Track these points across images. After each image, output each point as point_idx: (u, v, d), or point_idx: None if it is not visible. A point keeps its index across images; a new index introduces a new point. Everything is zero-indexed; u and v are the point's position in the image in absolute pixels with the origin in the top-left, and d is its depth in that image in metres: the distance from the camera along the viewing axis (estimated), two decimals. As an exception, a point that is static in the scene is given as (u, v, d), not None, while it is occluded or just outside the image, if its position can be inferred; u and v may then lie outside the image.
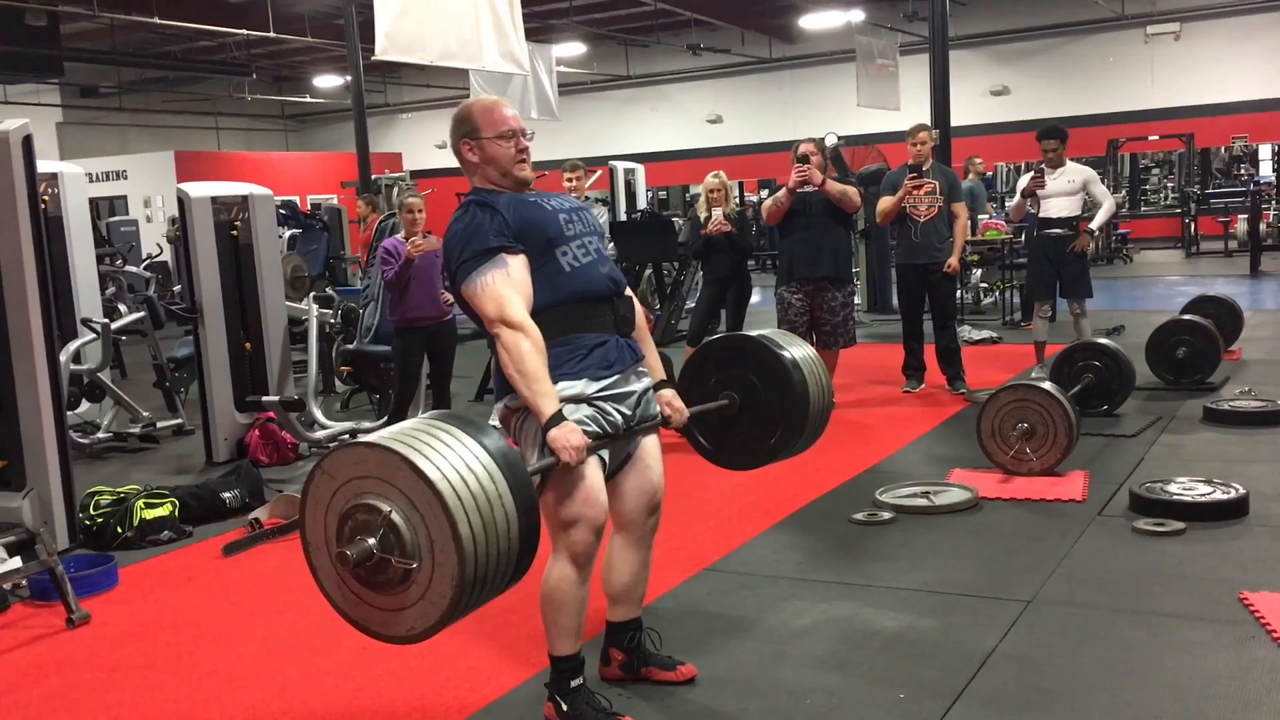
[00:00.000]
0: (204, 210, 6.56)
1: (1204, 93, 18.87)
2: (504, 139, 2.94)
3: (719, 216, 7.21)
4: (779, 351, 3.25)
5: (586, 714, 2.93)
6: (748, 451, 3.36)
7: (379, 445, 2.24)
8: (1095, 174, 7.68)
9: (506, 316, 2.75)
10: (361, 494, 2.26)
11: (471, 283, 2.80)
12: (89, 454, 6.97)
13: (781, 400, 3.24)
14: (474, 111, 2.98)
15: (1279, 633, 3.31)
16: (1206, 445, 5.72)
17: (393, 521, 2.21)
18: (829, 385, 3.36)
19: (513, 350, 2.73)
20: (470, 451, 2.26)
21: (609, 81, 23.17)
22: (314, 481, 2.34)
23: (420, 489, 2.19)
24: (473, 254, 2.81)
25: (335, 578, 2.33)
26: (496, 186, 2.97)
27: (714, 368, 3.33)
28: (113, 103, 22.81)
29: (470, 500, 2.19)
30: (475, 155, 2.95)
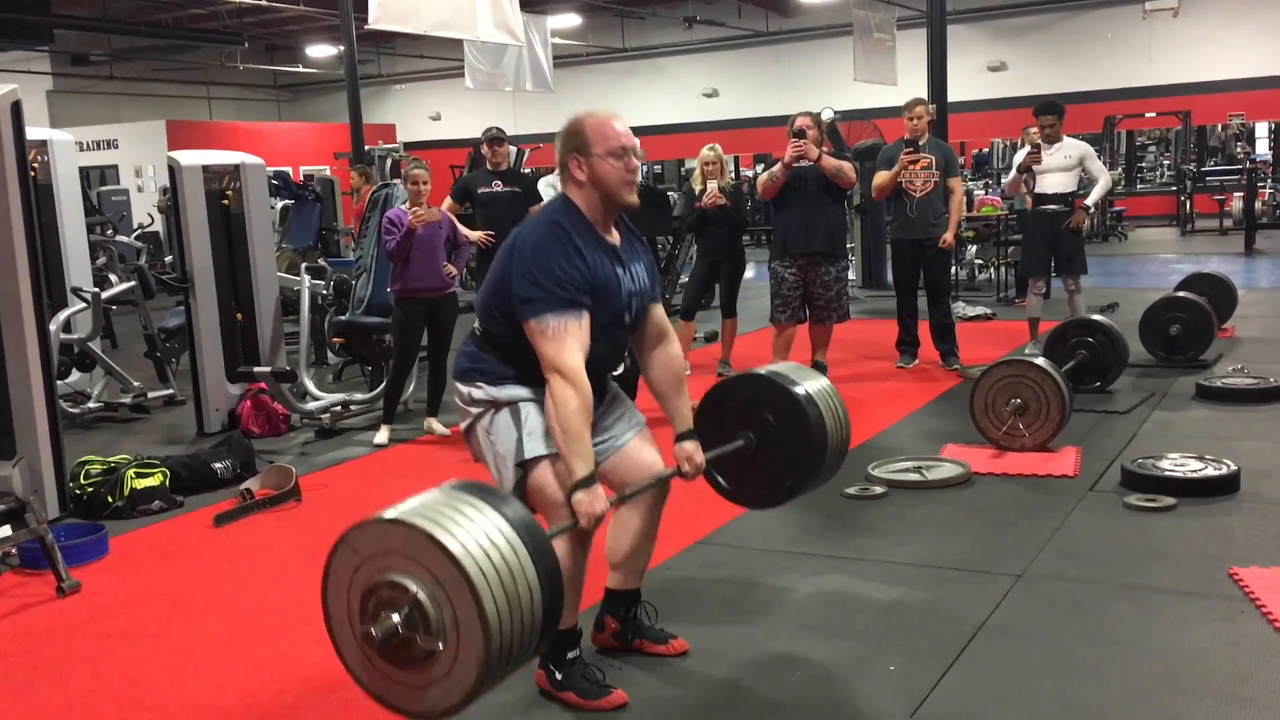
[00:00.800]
0: (195, 179, 6.52)
1: (1201, 70, 18.81)
2: (614, 156, 2.83)
3: (714, 189, 7.18)
4: (793, 389, 3.20)
5: (580, 684, 2.94)
6: (767, 490, 3.32)
7: (403, 522, 2.22)
8: (1092, 150, 7.65)
9: (565, 366, 2.71)
10: (386, 570, 2.24)
11: (542, 320, 2.73)
12: (79, 424, 6.95)
13: (799, 437, 3.20)
14: (585, 126, 2.86)
15: (1268, 607, 3.32)
16: (1199, 422, 5.73)
17: (418, 600, 2.19)
18: (846, 418, 3.30)
19: (561, 404, 2.70)
20: (493, 524, 2.23)
21: (604, 54, 23.03)
22: (336, 555, 2.32)
23: (445, 566, 2.16)
24: (556, 297, 2.73)
25: (359, 654, 2.30)
26: (590, 211, 2.86)
27: (730, 407, 3.29)
28: (103, 71, 22.61)
29: (495, 576, 2.17)
30: (582, 173, 2.84)
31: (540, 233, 2.82)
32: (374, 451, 6.07)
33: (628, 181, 2.85)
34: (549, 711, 2.94)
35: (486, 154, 7.24)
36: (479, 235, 6.91)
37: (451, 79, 21.07)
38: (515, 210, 7.11)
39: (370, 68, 23.46)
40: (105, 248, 11.06)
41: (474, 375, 2.92)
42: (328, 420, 6.55)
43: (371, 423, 6.56)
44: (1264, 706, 2.80)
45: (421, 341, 6.34)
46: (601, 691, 2.94)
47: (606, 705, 2.92)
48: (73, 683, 3.31)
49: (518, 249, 2.82)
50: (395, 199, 7.01)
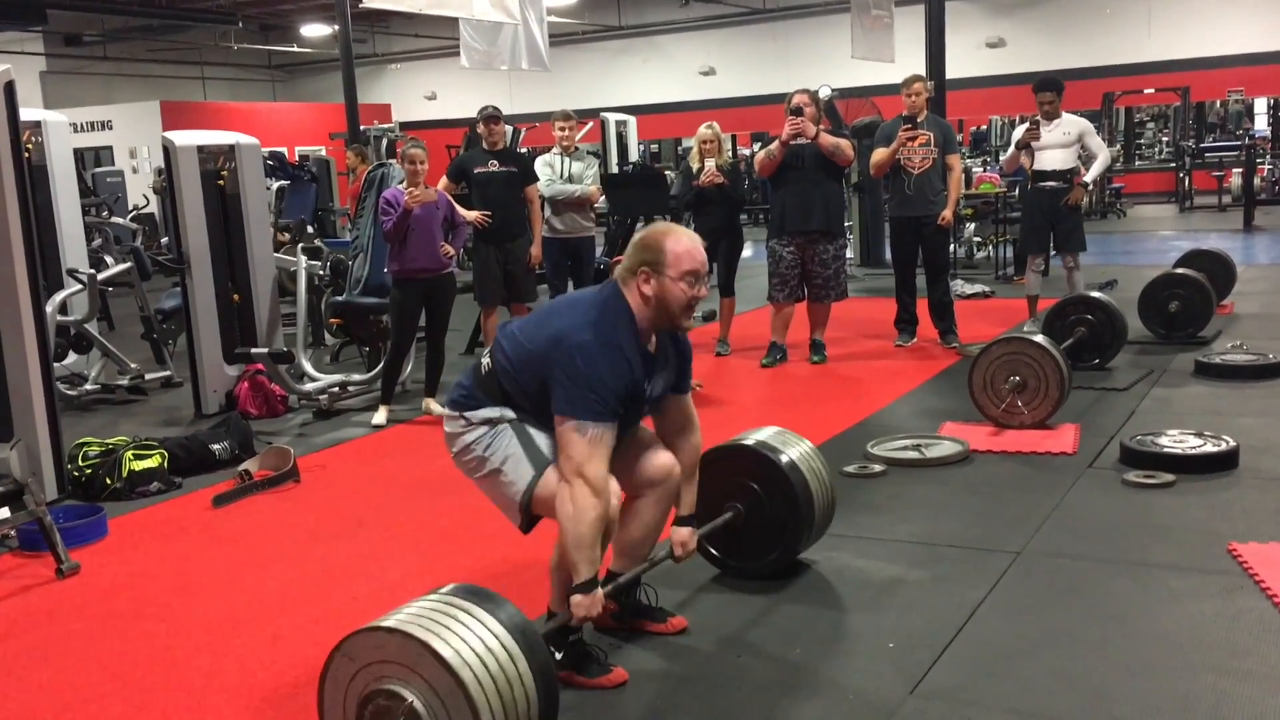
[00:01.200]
0: (190, 159, 6.48)
1: (1200, 46, 18.72)
2: (686, 282, 2.85)
3: (711, 167, 7.15)
4: (775, 457, 3.38)
5: (580, 663, 2.95)
6: (757, 557, 3.52)
7: (399, 630, 2.24)
8: (1091, 126, 7.62)
9: (590, 475, 2.73)
10: (382, 678, 2.26)
11: (583, 425, 2.74)
12: (77, 406, 6.94)
13: (785, 504, 3.39)
14: (665, 244, 2.86)
15: (1267, 583, 3.32)
16: (1197, 398, 5.73)
17: (414, 710, 2.21)
18: (830, 480, 3.50)
19: (582, 512, 2.73)
20: (489, 630, 2.27)
21: (601, 32, 22.91)
22: (333, 663, 2.33)
23: (442, 675, 2.19)
24: (603, 408, 2.75)
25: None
26: (642, 319, 2.87)
27: (716, 478, 3.40)
28: (97, 52, 22.50)
29: (491, 685, 2.21)
30: (650, 289, 2.85)
31: (601, 342, 2.79)
32: (372, 432, 6.07)
33: (690, 306, 2.89)
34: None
35: (483, 132, 7.21)
36: (476, 215, 6.88)
37: (447, 58, 20.96)
38: (512, 190, 7.09)
39: (365, 47, 23.36)
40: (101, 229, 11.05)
41: (470, 405, 2.95)
42: (325, 401, 6.54)
43: (369, 403, 6.55)
44: (1263, 680, 2.81)
45: (419, 322, 6.32)
46: (602, 670, 2.95)
47: (608, 683, 2.93)
48: (72, 664, 3.32)
49: (572, 341, 2.79)
50: (391, 179, 6.98)
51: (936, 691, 2.85)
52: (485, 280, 7.08)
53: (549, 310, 3.01)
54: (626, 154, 15.55)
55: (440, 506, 4.60)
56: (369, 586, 3.78)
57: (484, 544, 4.08)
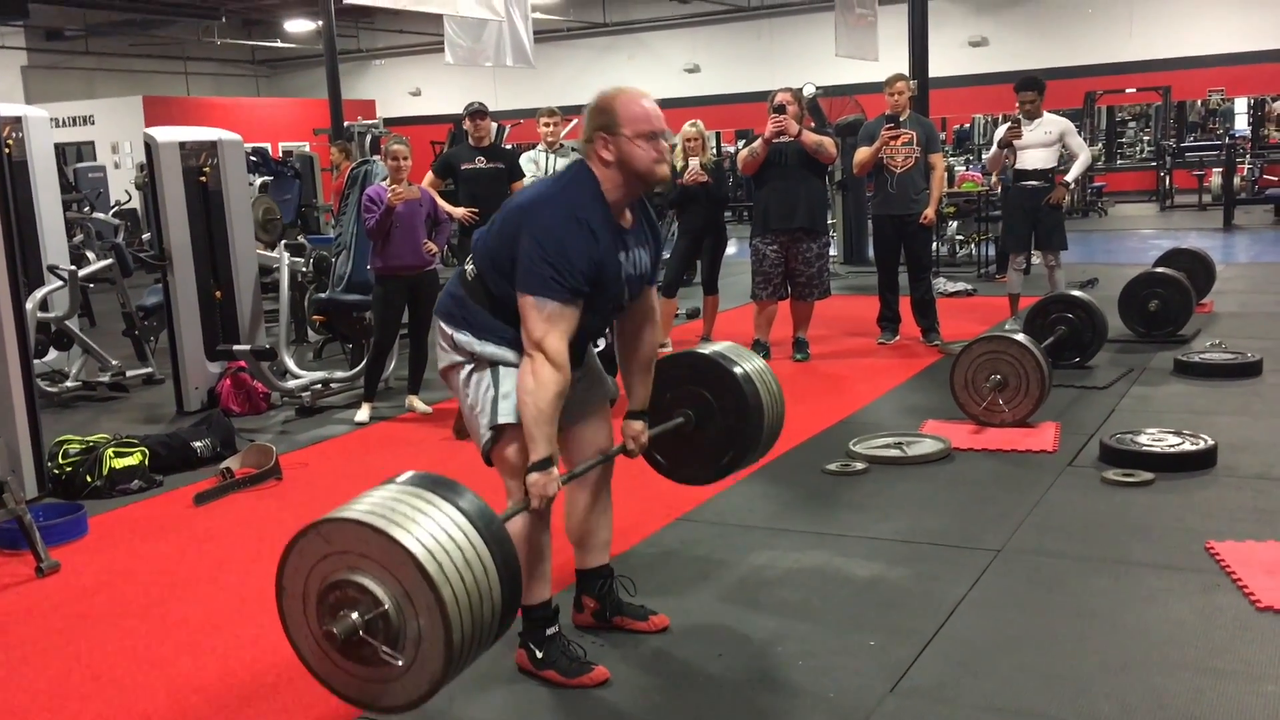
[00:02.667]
0: (172, 155, 6.45)
1: (1182, 45, 18.83)
2: (644, 139, 2.76)
3: (695, 166, 7.15)
4: (730, 368, 3.31)
5: (560, 662, 2.95)
6: (703, 467, 3.44)
7: (364, 523, 2.23)
8: (1072, 125, 7.66)
9: (552, 350, 2.68)
10: (350, 568, 2.25)
11: (543, 301, 2.69)
12: (57, 403, 6.91)
13: (735, 415, 3.31)
14: (616, 104, 2.79)
15: (1244, 581, 3.35)
16: (1176, 397, 5.77)
17: (378, 598, 2.22)
18: (780, 397, 3.42)
19: (541, 385, 2.68)
20: (452, 521, 2.26)
21: (586, 29, 22.89)
22: (305, 537, 2.33)
23: (408, 568, 2.18)
24: (562, 283, 2.69)
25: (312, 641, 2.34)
26: (611, 190, 2.80)
27: (669, 385, 3.34)
28: (79, 46, 22.34)
29: (455, 573, 2.20)
30: (609, 153, 2.77)
31: (560, 214, 2.74)
32: (355, 429, 6.05)
33: (657, 163, 2.80)
34: (530, 688, 2.95)
35: (469, 128, 7.19)
36: (462, 212, 6.87)
37: (431, 54, 20.90)
38: (498, 186, 7.07)
39: (349, 43, 23.27)
40: (82, 225, 10.98)
41: (459, 321, 2.90)
42: (308, 398, 6.52)
43: (352, 401, 6.54)
44: (1240, 678, 2.83)
45: (402, 319, 6.31)
46: (583, 668, 2.94)
47: (588, 682, 2.92)
48: (53, 662, 3.30)
49: (534, 218, 2.75)
50: (375, 175, 6.97)
51: (917, 689, 2.86)
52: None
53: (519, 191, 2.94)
54: (611, 151, 15.51)
55: (423, 504, 4.58)
56: (351, 585, 3.78)
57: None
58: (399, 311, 6.21)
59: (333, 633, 2.22)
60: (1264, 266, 10.87)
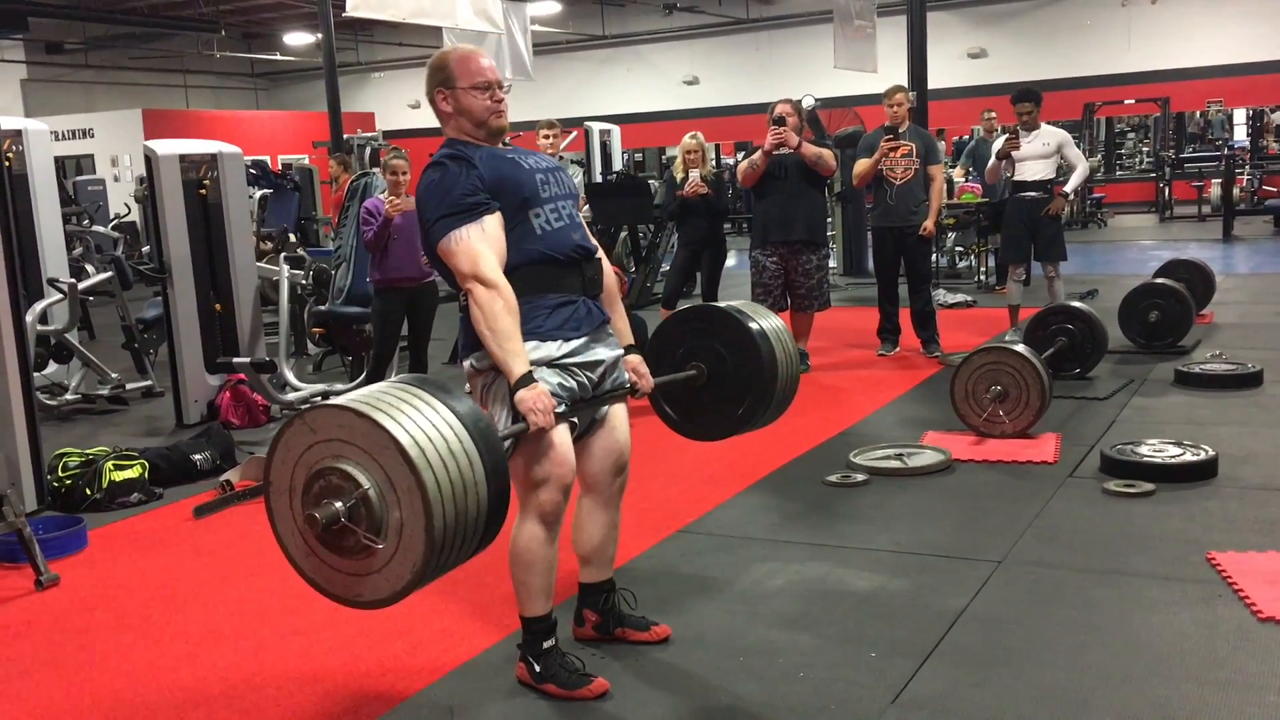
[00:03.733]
0: (172, 168, 6.46)
1: (1180, 57, 18.88)
2: (479, 90, 2.88)
3: (695, 178, 7.16)
4: (747, 323, 3.23)
5: (559, 675, 2.94)
6: (715, 422, 3.35)
7: (348, 408, 2.23)
8: (1070, 137, 7.68)
9: (480, 273, 2.72)
10: (335, 456, 2.25)
11: (447, 239, 2.76)
12: (57, 416, 6.90)
13: (749, 371, 3.22)
14: (450, 60, 2.91)
15: (1245, 592, 3.35)
16: (1177, 408, 5.76)
17: (361, 485, 2.21)
18: (796, 356, 3.34)
19: (485, 308, 2.70)
20: (440, 416, 2.25)
21: (584, 41, 22.95)
22: (292, 428, 2.32)
23: (390, 452, 2.18)
24: (448, 209, 2.77)
25: (296, 532, 2.34)
26: (470, 138, 2.91)
27: (682, 338, 3.31)
28: (79, 59, 22.41)
29: (439, 462, 2.19)
30: (449, 105, 2.90)
31: (431, 171, 2.86)
32: (355, 442, 6.04)
33: (494, 111, 2.89)
34: (530, 701, 2.94)
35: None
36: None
37: (431, 67, 20.93)
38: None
39: (349, 55, 23.32)
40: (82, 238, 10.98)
41: (468, 349, 2.92)
42: (308, 411, 6.51)
43: (352, 413, 6.52)
44: (1242, 690, 2.83)
45: (402, 331, 6.31)
46: (582, 680, 2.93)
47: (588, 694, 2.91)
48: (52, 676, 3.29)
49: (418, 191, 2.89)
50: (374, 188, 6.98)
51: (918, 701, 2.85)
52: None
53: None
54: (610, 163, 15.56)
55: (423, 517, 4.58)
56: (351, 597, 3.77)
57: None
58: (398, 323, 6.21)
59: (315, 517, 2.22)
60: (1264, 277, 10.89)
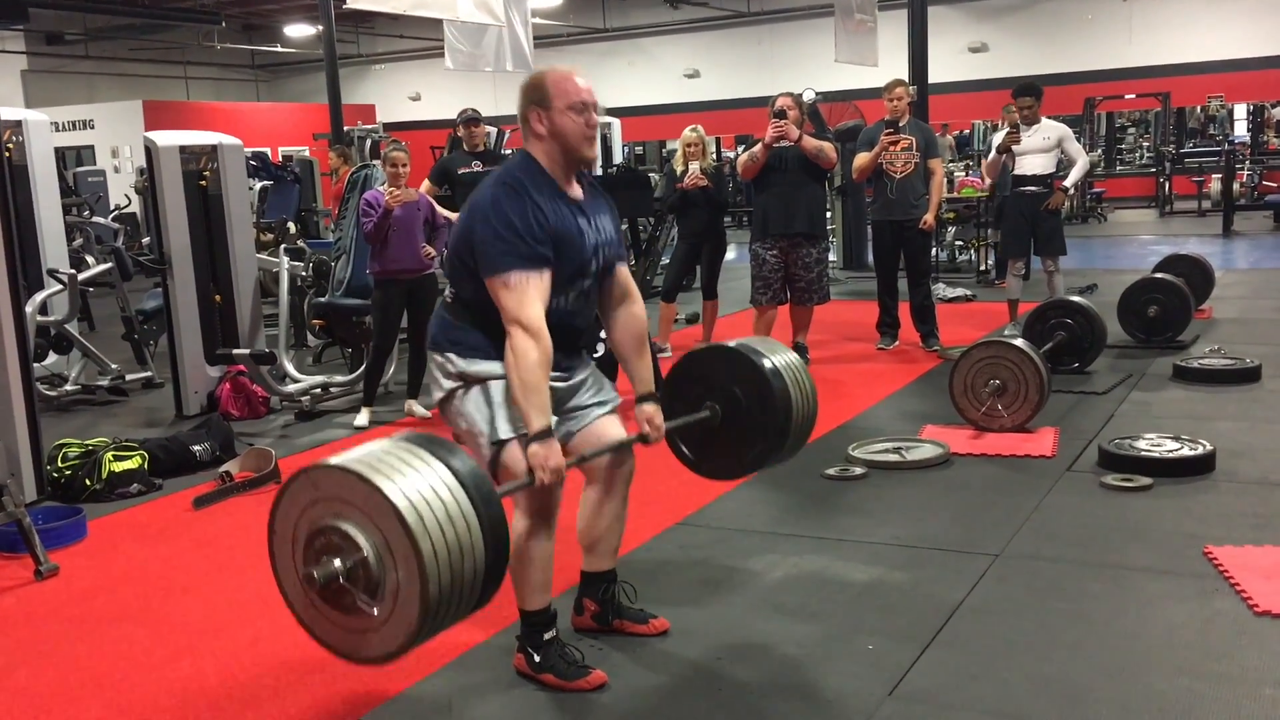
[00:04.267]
0: (172, 159, 6.46)
1: (1181, 52, 18.85)
2: (575, 111, 2.84)
3: (695, 170, 7.17)
4: (759, 361, 3.18)
5: (558, 666, 2.95)
6: (730, 463, 3.32)
7: (351, 471, 2.24)
8: (1070, 131, 7.66)
9: (527, 320, 2.71)
10: (336, 515, 2.27)
11: (506, 275, 2.73)
12: (57, 406, 6.91)
13: (763, 411, 3.18)
14: (546, 80, 2.87)
15: (1242, 585, 3.35)
16: (1175, 402, 5.77)
17: (358, 545, 2.23)
18: (813, 393, 3.28)
19: (521, 356, 2.70)
20: (440, 478, 2.26)
21: (585, 34, 22.91)
22: (296, 482, 2.34)
23: (389, 519, 2.19)
24: (515, 246, 2.74)
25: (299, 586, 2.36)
26: (553, 164, 2.87)
27: (696, 377, 3.29)
28: (79, 50, 22.36)
29: (437, 527, 2.20)
30: (543, 126, 2.85)
31: (498, 189, 2.83)
32: (354, 434, 6.06)
33: (588, 137, 2.88)
34: (529, 692, 2.95)
35: (463, 135, 7.23)
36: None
37: (431, 59, 20.92)
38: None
39: (349, 47, 23.29)
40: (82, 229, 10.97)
41: (445, 345, 2.93)
42: (307, 403, 6.53)
43: (352, 405, 6.54)
44: (1238, 683, 2.84)
45: (401, 323, 6.32)
46: (580, 672, 2.95)
47: (586, 685, 2.93)
48: (52, 666, 3.30)
49: (478, 205, 2.84)
50: (374, 180, 6.97)
51: (915, 693, 2.87)
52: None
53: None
54: (611, 156, 15.56)
55: (422, 508, 4.59)
56: (350, 588, 3.78)
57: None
58: (398, 315, 6.21)
59: (313, 576, 2.24)
60: (1263, 272, 10.89)
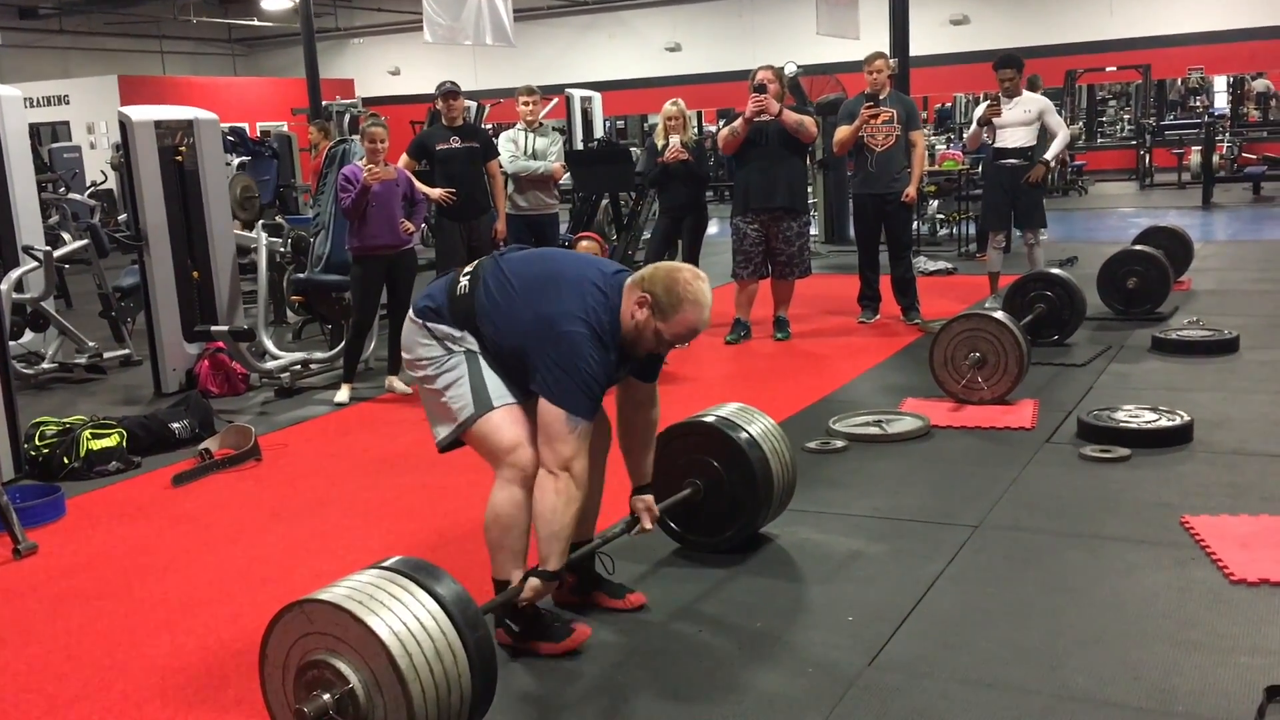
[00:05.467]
0: (147, 135, 6.39)
1: (1161, 24, 18.88)
2: (674, 339, 2.88)
3: (676, 144, 7.13)
4: (735, 434, 3.41)
5: (538, 629, 2.98)
6: (715, 532, 3.56)
7: (344, 610, 2.28)
8: (1051, 104, 7.66)
9: (577, 470, 2.79)
10: (328, 650, 2.31)
11: (573, 419, 2.76)
12: (34, 385, 6.86)
13: (742, 483, 3.42)
14: (684, 303, 2.80)
15: (1218, 554, 3.38)
16: (1154, 374, 5.81)
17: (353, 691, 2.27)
18: (791, 460, 3.53)
19: (567, 505, 2.78)
20: (426, 610, 2.31)
21: (566, 7, 22.76)
22: (289, 614, 2.38)
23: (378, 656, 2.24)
24: (591, 400, 2.80)
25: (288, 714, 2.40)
26: (627, 337, 2.87)
27: (678, 453, 3.47)
28: (53, 25, 22.07)
29: (424, 664, 2.26)
30: (642, 318, 2.82)
31: (592, 335, 2.80)
32: (334, 410, 6.03)
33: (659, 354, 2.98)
34: (505, 662, 2.95)
35: (441, 109, 7.17)
36: (439, 193, 6.85)
37: (410, 33, 20.76)
38: (474, 165, 7.06)
39: (327, 21, 23.05)
40: (57, 206, 10.88)
41: (434, 317, 2.94)
42: (287, 379, 6.50)
43: (331, 382, 6.51)
44: (1212, 651, 2.86)
45: (381, 299, 6.29)
46: (564, 631, 2.98)
47: (572, 644, 2.96)
48: (33, 644, 3.29)
49: (565, 328, 2.78)
50: (353, 155, 6.92)
51: (895, 663, 2.88)
52: (449, 257, 7.03)
53: (545, 272, 2.93)
54: (591, 130, 15.48)
55: (402, 484, 4.59)
56: (331, 564, 3.76)
57: (446, 520, 4.09)
58: (377, 291, 6.19)
59: (304, 712, 2.28)
60: (1241, 244, 10.95)
